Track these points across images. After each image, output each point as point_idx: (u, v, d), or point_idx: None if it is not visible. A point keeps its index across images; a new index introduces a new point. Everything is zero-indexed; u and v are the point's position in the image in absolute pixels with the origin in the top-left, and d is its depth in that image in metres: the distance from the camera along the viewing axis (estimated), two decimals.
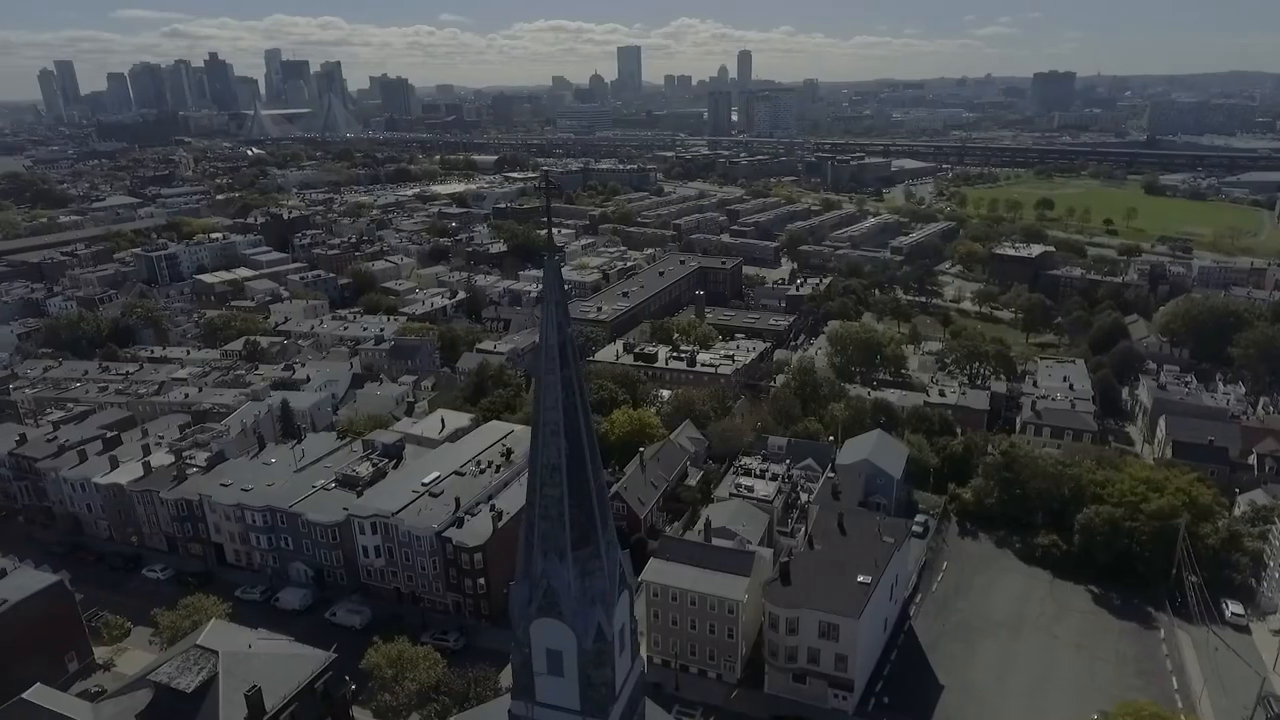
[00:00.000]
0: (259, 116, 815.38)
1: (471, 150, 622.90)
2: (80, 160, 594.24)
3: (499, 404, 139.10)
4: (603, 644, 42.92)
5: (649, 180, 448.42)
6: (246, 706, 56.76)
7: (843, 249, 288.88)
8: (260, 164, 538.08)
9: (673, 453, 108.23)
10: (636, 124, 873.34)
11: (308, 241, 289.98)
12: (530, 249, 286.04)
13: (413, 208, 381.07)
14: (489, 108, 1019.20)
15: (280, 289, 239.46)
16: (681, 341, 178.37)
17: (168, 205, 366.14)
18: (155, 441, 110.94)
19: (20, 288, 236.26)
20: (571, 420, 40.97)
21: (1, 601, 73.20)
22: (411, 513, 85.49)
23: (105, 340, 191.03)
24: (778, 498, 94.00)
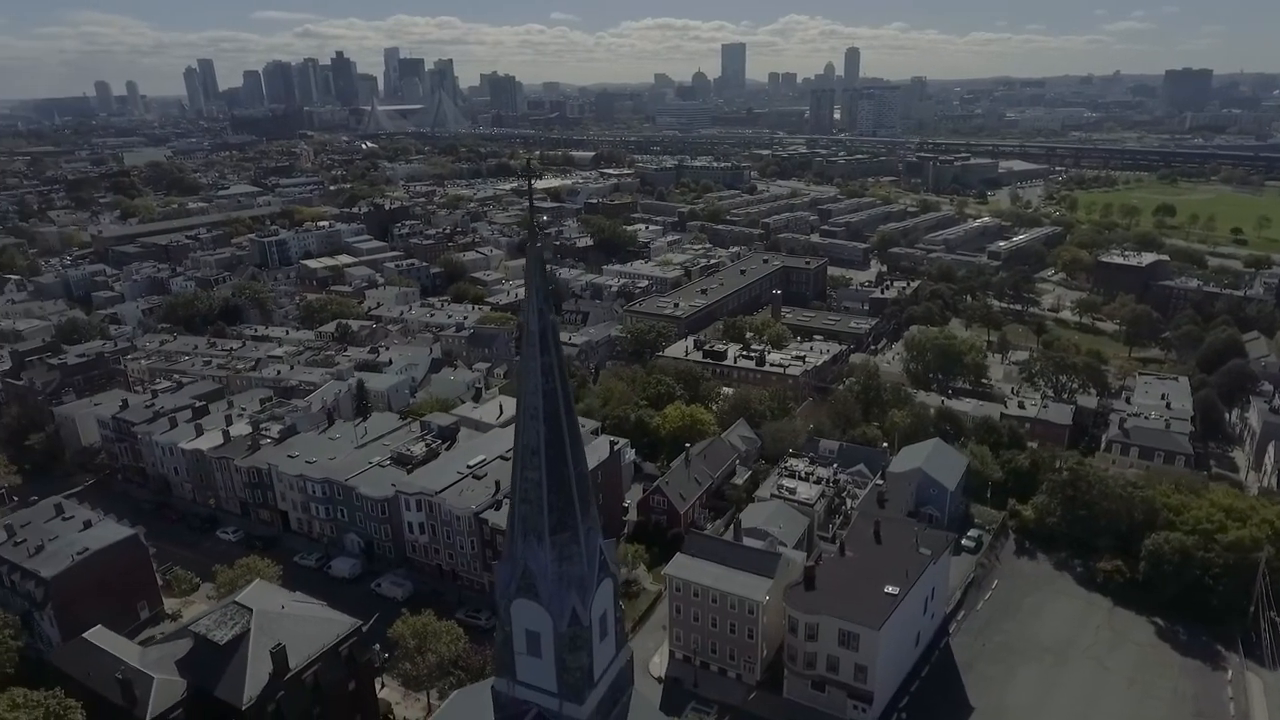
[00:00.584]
0: (375, 112, 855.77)
1: (570, 146, 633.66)
2: (214, 151, 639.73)
3: None
4: (578, 629, 43.54)
5: (743, 178, 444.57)
6: (271, 662, 60.39)
7: (936, 252, 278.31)
8: (373, 157, 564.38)
9: (721, 450, 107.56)
10: (736, 122, 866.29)
11: (406, 231, 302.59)
12: (616, 244, 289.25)
13: (509, 201, 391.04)
14: (591, 105, 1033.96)
15: (376, 276, 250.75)
16: (754, 341, 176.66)
17: (284, 194, 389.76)
18: (238, 413, 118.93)
19: (149, 267, 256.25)
20: (551, 405, 41.68)
21: (83, 550, 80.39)
22: (454, 493, 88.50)
23: (215, 318, 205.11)
24: (820, 501, 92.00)
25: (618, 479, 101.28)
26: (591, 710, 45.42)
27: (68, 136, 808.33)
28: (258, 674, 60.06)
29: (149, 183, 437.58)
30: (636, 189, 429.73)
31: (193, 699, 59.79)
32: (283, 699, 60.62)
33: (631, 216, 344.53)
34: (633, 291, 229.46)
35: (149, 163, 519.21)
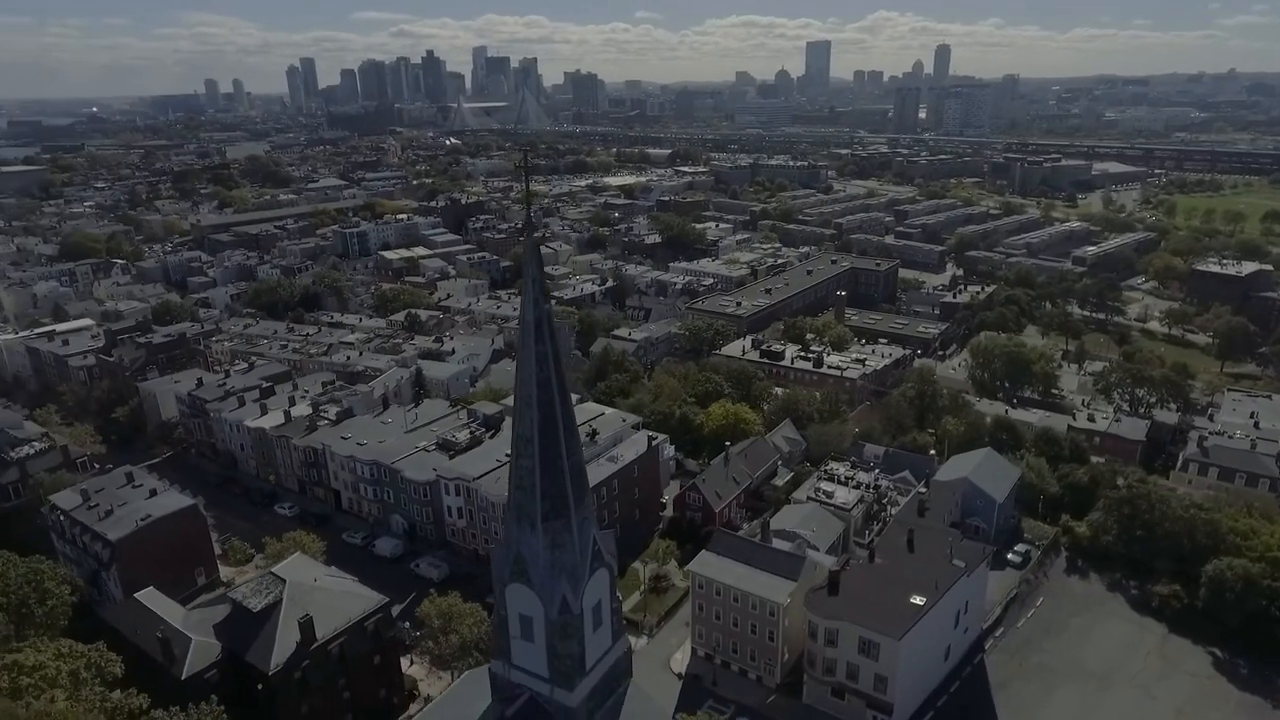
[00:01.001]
0: (461, 109, 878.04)
1: (647, 144, 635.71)
2: (309, 146, 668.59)
3: (614, 389, 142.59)
4: (568, 616, 44.02)
5: (819, 177, 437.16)
6: (299, 632, 63.22)
7: (1016, 256, 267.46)
8: (455, 153, 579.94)
9: (763, 451, 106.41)
10: (818, 120, 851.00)
11: (480, 225, 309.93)
12: (684, 241, 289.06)
13: (582, 197, 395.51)
14: (672, 103, 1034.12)
15: (449, 268, 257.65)
16: (815, 342, 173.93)
17: (368, 188, 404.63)
18: (301, 394, 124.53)
19: (239, 255, 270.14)
20: (545, 394, 42.25)
21: (146, 516, 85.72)
22: (490, 479, 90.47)
23: (295, 305, 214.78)
24: (857, 507, 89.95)
25: (655, 474, 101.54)
26: (582, 698, 45.86)
27: (178, 131, 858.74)
28: (286, 642, 63.00)
29: (247, 175, 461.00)
30: (710, 187, 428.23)
31: (226, 661, 63.19)
32: (308, 667, 63.42)
33: (702, 214, 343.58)
34: (697, 289, 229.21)
35: (248, 156, 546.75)
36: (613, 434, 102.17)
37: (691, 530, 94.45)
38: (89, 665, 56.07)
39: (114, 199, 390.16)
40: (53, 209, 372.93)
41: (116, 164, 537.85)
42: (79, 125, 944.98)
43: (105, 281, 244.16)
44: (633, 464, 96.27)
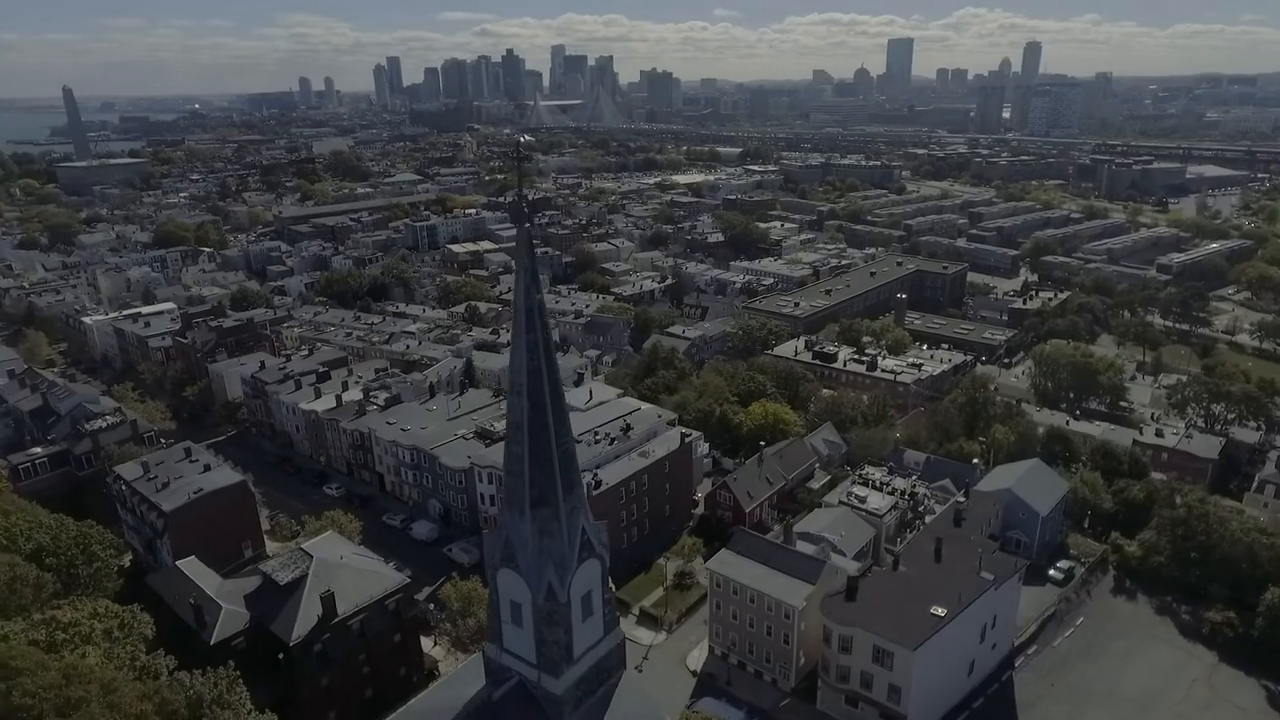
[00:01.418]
0: (538, 107, 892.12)
1: (719, 143, 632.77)
2: (390, 142, 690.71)
3: (659, 385, 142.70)
4: (555, 604, 44.43)
5: (892, 178, 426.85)
6: (321, 606, 65.65)
7: (1096, 262, 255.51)
8: (528, 149, 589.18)
9: (800, 452, 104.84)
10: (895, 119, 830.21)
11: (545, 220, 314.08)
12: (747, 240, 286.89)
13: (650, 195, 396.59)
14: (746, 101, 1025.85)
15: (513, 262, 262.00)
16: (871, 345, 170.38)
17: (442, 182, 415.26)
18: (355, 380, 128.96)
19: (316, 245, 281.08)
20: (535, 382, 42.75)
21: (198, 490, 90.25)
22: None
23: (364, 294, 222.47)
24: (890, 513, 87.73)
25: (688, 471, 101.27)
26: (569, 686, 46.22)
27: (271, 127, 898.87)
28: (308, 615, 65.51)
29: (330, 169, 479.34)
30: (779, 186, 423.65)
31: (252, 630, 66.14)
32: (328, 640, 65.77)
33: (769, 214, 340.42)
34: (756, 289, 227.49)
35: (333, 151, 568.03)
36: (647, 429, 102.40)
37: (720, 529, 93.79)
38: (122, 625, 59.69)
39: (206, 190, 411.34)
40: (151, 199, 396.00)
41: (211, 157, 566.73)
42: (181, 121, 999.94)
43: (192, 268, 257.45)
44: (664, 460, 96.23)
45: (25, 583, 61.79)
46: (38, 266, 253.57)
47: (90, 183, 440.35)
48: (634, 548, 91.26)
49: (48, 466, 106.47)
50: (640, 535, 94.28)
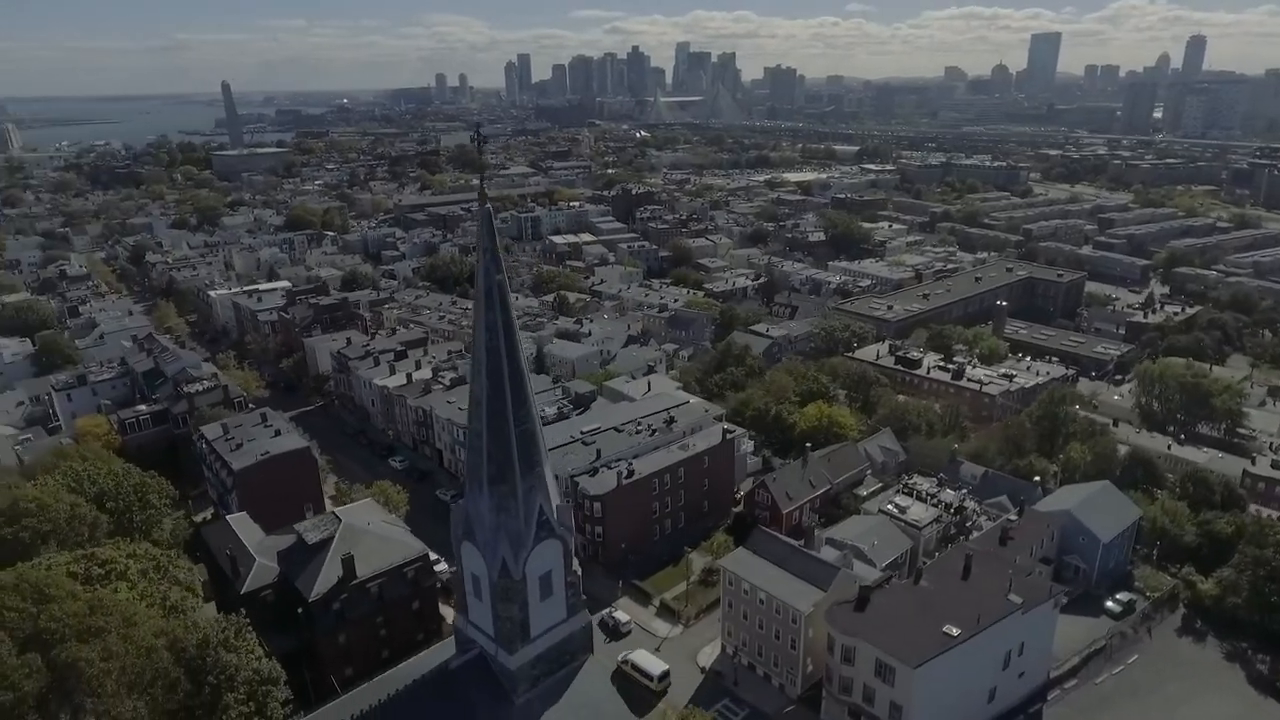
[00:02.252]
0: (658, 103, 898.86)
1: (838, 140, 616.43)
2: (513, 136, 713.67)
3: (726, 381, 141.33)
4: (509, 580, 45.20)
5: (1018, 179, 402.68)
6: (341, 567, 69.27)
7: (1239, 276, 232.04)
8: (643, 145, 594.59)
9: (852, 457, 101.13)
10: (1032, 119, 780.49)
11: (647, 215, 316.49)
12: (849, 240, 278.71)
13: (757, 192, 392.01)
14: (872, 99, 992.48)
15: (609, 255, 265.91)
16: (963, 353, 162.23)
17: (553, 176, 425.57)
18: (429, 360, 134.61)
19: (427, 233, 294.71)
20: (494, 361, 43.56)
21: (265, 452, 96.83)
22: (559, 454, 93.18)
23: (463, 280, 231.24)
24: (931, 526, 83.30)
25: (729, 466, 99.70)
26: (525, 664, 46.87)
27: (407, 121, 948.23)
28: (329, 575, 69.24)
29: (452, 161, 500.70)
30: (894, 186, 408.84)
31: (279, 584, 70.55)
32: (346, 600, 69.27)
33: (878, 214, 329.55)
34: (851, 290, 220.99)
35: (458, 145, 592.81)
36: (691, 423, 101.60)
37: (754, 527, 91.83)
38: (158, 567, 65.28)
39: (338, 179, 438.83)
40: (290, 186, 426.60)
41: (348, 148, 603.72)
42: (329, 114, 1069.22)
43: (315, 250, 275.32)
44: (703, 454, 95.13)
45: (83, 521, 68.71)
46: (184, 244, 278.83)
47: (239, 170, 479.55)
48: (667, 540, 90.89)
49: (150, 423, 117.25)
50: (674, 528, 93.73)
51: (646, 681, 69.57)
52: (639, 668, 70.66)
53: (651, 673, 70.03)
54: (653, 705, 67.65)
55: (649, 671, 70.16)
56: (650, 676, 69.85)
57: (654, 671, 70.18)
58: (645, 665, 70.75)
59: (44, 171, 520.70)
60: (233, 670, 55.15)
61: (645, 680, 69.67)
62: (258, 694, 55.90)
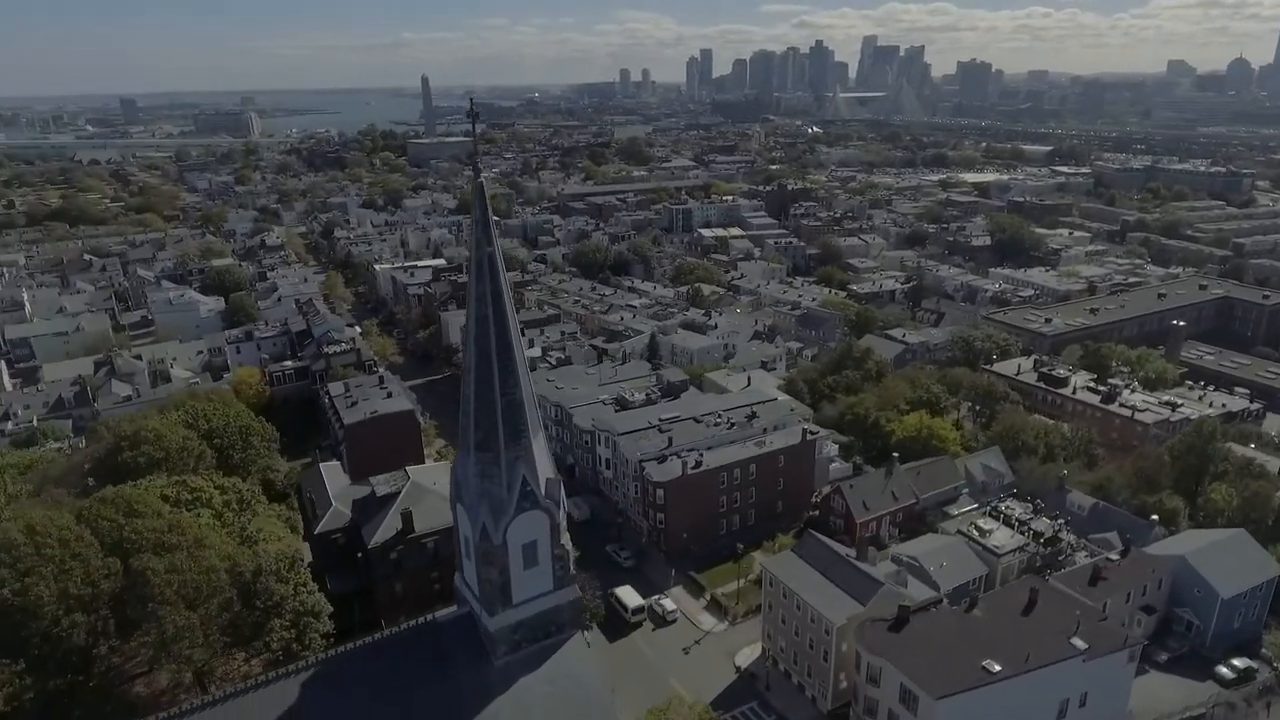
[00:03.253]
0: (836, 98, 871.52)
1: (1028, 140, 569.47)
2: (685, 130, 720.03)
3: (839, 384, 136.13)
4: (489, 545, 46.59)
5: (1238, 187, 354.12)
6: (400, 521, 74.03)
7: None
8: (814, 141, 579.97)
9: (947, 473, 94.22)
10: (1274, 119, 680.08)
11: (801, 212, 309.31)
12: (1017, 246, 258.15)
13: (927, 192, 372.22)
14: (1077, 96, 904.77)
15: (755, 250, 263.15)
16: (1122, 375, 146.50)
17: (713, 170, 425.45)
18: (544, 340, 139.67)
19: (581, 221, 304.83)
20: (482, 330, 44.87)
21: (374, 411, 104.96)
22: (632, 439, 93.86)
23: (606, 267, 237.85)
24: (1014, 554, 75.93)
25: (809, 468, 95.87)
26: (505, 627, 48.01)
27: (587, 114, 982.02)
28: (390, 527, 74.22)
29: (620, 154, 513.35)
30: (1086, 190, 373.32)
31: (348, 529, 76.50)
32: (402, 551, 73.96)
33: (1060, 220, 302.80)
34: (1009, 299, 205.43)
35: (629, 137, 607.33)
36: (774, 420, 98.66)
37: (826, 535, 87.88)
38: (240, 500, 72.90)
39: (512, 167, 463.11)
40: (469, 173, 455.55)
41: (527, 139, 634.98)
42: (519, 107, 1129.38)
43: None
44: (778, 453, 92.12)
45: (191, 453, 77.96)
46: (368, 222, 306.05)
47: (429, 157, 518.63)
48: (733, 536, 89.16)
49: (293, 377, 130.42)
50: (743, 525, 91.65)
51: (624, 612, 78.94)
52: (620, 600, 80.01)
53: (628, 605, 79.37)
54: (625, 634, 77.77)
55: (626, 604, 79.52)
56: (627, 608, 79.11)
57: (630, 604, 79.46)
58: (625, 599, 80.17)
59: (271, 154, 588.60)
60: (280, 599, 60.65)
61: (623, 611, 79.08)
62: (300, 623, 61.12)
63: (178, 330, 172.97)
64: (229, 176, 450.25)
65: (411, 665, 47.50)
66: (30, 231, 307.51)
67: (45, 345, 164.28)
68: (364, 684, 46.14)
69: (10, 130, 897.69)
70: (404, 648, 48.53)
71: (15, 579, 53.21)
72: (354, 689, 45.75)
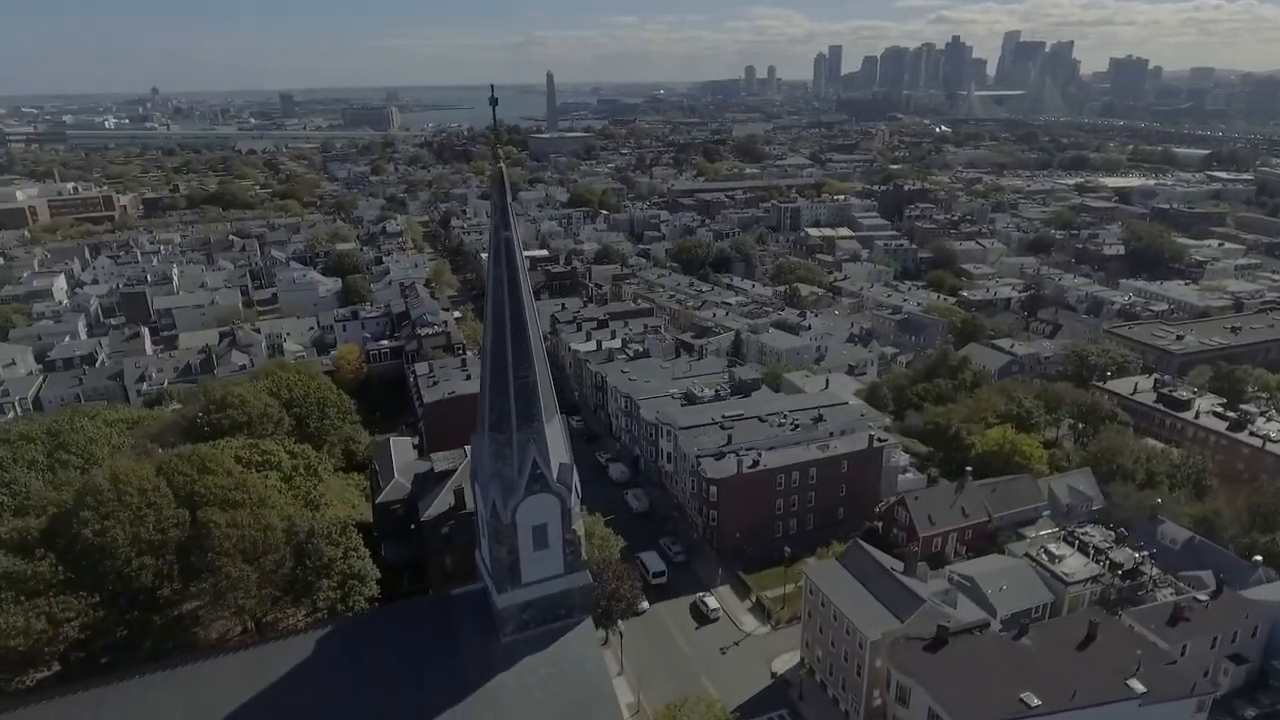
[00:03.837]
0: (970, 97, 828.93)
1: (1184, 142, 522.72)
2: (805, 128, 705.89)
3: (928, 392, 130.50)
4: (498, 523, 47.62)
5: None
6: (453, 498, 76.64)
7: None
8: (940, 141, 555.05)
9: (1025, 492, 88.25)
10: None
11: (916, 213, 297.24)
12: (1154, 257, 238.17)
13: (1060, 196, 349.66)
14: (1247, 95, 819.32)
15: (862, 251, 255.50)
16: (1260, 401, 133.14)
17: (829, 169, 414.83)
18: (627, 331, 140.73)
19: (688, 217, 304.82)
20: (498, 313, 45.88)
21: (451, 391, 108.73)
22: (692, 434, 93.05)
23: (706, 264, 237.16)
24: (1084, 584, 70.16)
25: (875, 476, 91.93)
26: (514, 607, 48.80)
27: (710, 111, 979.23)
28: (443, 502, 76.91)
29: (735, 151, 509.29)
30: (1246, 199, 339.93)
31: (407, 501, 79.88)
32: (453, 526, 76.43)
33: (1211, 230, 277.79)
34: (1138, 313, 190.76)
35: (747, 135, 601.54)
36: (843, 424, 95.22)
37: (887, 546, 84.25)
38: (308, 466, 77.46)
39: (627, 163, 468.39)
40: (585, 168, 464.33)
41: (645, 135, 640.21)
42: (643, 104, 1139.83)
43: (588, 226, 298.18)
44: (841, 458, 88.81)
45: (270, 419, 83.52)
46: (483, 213, 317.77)
47: (549, 151, 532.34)
48: (789, 539, 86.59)
49: (388, 356, 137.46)
50: (800, 529, 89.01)
51: (646, 575, 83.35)
52: (644, 564, 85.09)
53: (650, 569, 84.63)
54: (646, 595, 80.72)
55: (650, 568, 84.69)
56: (649, 571, 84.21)
57: (653, 569, 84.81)
58: (649, 563, 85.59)
59: (406, 147, 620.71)
60: (329, 561, 64.19)
61: (645, 574, 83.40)
62: (346, 585, 64.49)
63: (299, 307, 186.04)
64: (365, 167, 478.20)
65: (424, 635, 49.13)
66: (188, 213, 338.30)
67: (185, 316, 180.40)
68: (376, 648, 48.13)
69: (185, 122, 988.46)
70: (419, 618, 50.30)
71: (97, 521, 58.87)
72: (366, 651, 47.80)
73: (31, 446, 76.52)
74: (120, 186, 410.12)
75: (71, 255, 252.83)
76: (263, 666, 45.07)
